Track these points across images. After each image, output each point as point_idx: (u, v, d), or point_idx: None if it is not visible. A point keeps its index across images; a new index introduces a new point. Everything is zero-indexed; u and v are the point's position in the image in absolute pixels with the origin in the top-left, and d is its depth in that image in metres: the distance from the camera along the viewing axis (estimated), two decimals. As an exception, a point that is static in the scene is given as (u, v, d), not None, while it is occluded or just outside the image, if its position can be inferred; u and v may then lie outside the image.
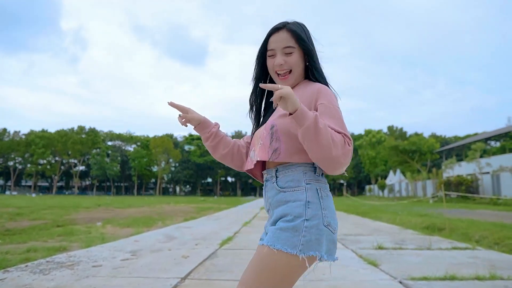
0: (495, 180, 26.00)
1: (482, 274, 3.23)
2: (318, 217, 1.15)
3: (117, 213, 13.22)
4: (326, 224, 1.16)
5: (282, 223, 1.16)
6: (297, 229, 1.13)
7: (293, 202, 1.18)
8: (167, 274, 3.31)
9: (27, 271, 3.39)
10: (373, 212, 12.85)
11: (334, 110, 1.20)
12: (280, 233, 1.14)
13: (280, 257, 1.11)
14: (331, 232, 1.18)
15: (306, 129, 1.07)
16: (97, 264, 3.76)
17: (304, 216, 1.14)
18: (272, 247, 1.12)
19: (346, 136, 1.14)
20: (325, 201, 1.20)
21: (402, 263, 3.86)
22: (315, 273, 3.35)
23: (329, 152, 1.08)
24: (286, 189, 1.21)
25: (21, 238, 6.21)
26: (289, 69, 1.30)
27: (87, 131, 79.30)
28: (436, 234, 6.63)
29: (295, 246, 1.11)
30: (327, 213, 1.19)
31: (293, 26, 1.32)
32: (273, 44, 1.31)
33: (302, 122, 1.08)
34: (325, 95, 1.24)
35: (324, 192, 1.22)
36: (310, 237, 1.12)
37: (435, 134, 77.37)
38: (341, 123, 1.18)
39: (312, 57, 1.33)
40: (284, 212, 1.18)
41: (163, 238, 5.95)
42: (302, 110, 1.08)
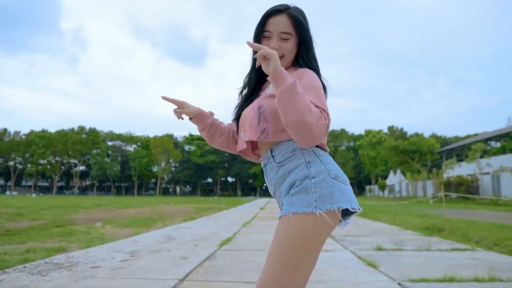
0: (495, 180, 25.99)
1: (481, 276, 3.22)
2: (323, 172, 1.14)
3: (117, 214, 13.22)
4: (334, 176, 1.15)
5: (292, 190, 1.15)
6: (307, 188, 1.12)
7: (295, 169, 1.17)
8: (165, 276, 3.30)
9: (25, 272, 3.38)
10: (373, 213, 12.84)
11: (315, 89, 1.18)
12: (292, 199, 1.13)
13: (297, 220, 1.09)
14: (342, 183, 1.16)
15: (284, 90, 1.06)
16: (96, 265, 3.75)
17: (310, 175, 1.13)
18: (287, 213, 1.11)
19: (323, 111, 1.12)
20: (324, 157, 1.20)
21: (401, 265, 3.85)
22: (313, 274, 3.34)
23: (303, 117, 1.04)
24: (284, 161, 1.21)
25: (20, 239, 6.20)
26: (282, 55, 1.29)
27: (87, 131, 79.32)
28: (435, 235, 6.62)
29: (309, 204, 1.09)
30: (331, 166, 1.18)
31: (294, 11, 1.30)
32: (271, 27, 1.29)
33: (280, 84, 1.07)
34: (308, 76, 1.22)
35: (321, 151, 1.22)
36: (321, 192, 1.11)
37: (435, 134, 77.33)
38: (321, 100, 1.16)
39: (308, 47, 1.32)
40: (290, 182, 1.17)
41: (162, 239, 5.94)
42: (282, 72, 1.09)
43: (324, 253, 4.58)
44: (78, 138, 75.45)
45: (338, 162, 78.09)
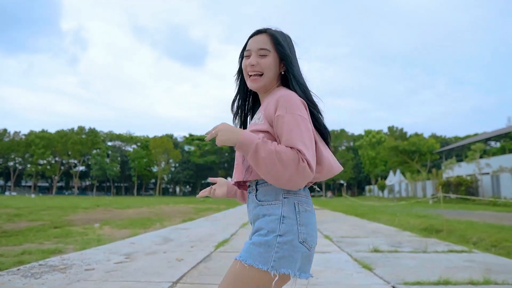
0: (495, 180, 25.97)
1: (476, 279, 3.21)
2: (293, 233, 1.12)
3: (116, 214, 13.20)
4: (302, 241, 1.13)
5: (256, 237, 1.14)
6: (270, 245, 1.10)
7: (269, 216, 1.16)
8: (159, 278, 3.29)
9: (19, 274, 3.37)
10: (372, 213, 12.82)
11: (290, 121, 1.14)
12: (252, 248, 1.12)
13: (251, 272, 1.09)
14: (306, 249, 1.14)
15: (249, 159, 1.10)
16: (90, 267, 3.74)
17: (278, 232, 1.12)
18: (243, 262, 1.10)
19: (300, 152, 1.08)
20: (303, 216, 1.17)
21: (397, 267, 3.84)
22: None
23: (279, 177, 1.07)
24: (264, 202, 1.19)
25: (17, 240, 6.19)
26: (261, 71, 1.28)
27: (87, 132, 79.30)
28: (433, 236, 6.61)
29: (267, 262, 1.09)
30: (304, 229, 1.15)
31: (274, 31, 1.31)
32: (250, 45, 1.30)
33: (245, 154, 1.12)
34: (283, 104, 1.17)
35: (302, 206, 1.18)
36: (283, 253, 1.10)
37: (435, 135, 77.34)
38: (297, 136, 1.11)
39: (290, 64, 1.29)
40: (259, 226, 1.16)
41: (159, 240, 5.93)
42: (241, 143, 1.11)
43: (320, 254, 4.57)
44: (78, 138, 75.43)
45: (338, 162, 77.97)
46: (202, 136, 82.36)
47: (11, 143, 74.55)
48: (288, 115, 1.15)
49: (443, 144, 64.89)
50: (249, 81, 1.30)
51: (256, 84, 1.29)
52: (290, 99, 1.19)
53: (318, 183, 1.28)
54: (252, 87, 1.30)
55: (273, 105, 1.21)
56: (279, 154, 1.07)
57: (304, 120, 1.16)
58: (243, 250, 1.13)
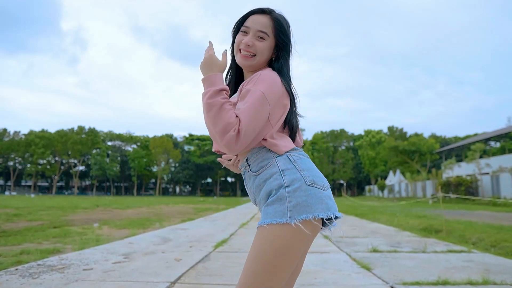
0: (495, 181, 25.96)
1: (475, 279, 3.20)
2: (298, 180, 1.11)
3: (115, 214, 13.19)
4: (310, 183, 1.12)
5: (268, 200, 1.13)
6: (281, 198, 1.09)
7: (269, 178, 1.15)
8: (157, 278, 3.28)
9: (17, 274, 3.36)
10: (371, 213, 12.82)
11: (251, 95, 1.15)
12: (267, 210, 1.11)
13: (272, 231, 1.07)
14: (319, 189, 1.12)
15: (203, 96, 1.15)
16: (88, 267, 3.73)
17: (284, 184, 1.11)
18: (263, 224, 1.09)
19: (238, 123, 1.10)
20: (300, 163, 1.17)
21: (396, 267, 3.83)
22: (306, 277, 3.32)
23: (208, 128, 1.14)
24: (259, 170, 1.19)
25: (16, 240, 6.17)
26: (254, 53, 1.27)
27: (86, 131, 79.27)
28: (432, 236, 6.60)
29: (284, 214, 1.07)
30: (307, 173, 1.14)
31: (278, 16, 1.30)
32: (250, 23, 1.28)
33: (204, 87, 1.18)
34: (256, 80, 1.18)
35: (296, 156, 1.18)
36: (296, 201, 1.08)
37: (435, 135, 77.32)
38: (248, 109, 1.12)
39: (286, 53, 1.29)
40: (266, 192, 1.15)
41: (158, 240, 5.92)
42: (205, 80, 1.18)
43: (319, 255, 4.56)
44: (78, 138, 75.41)
45: (338, 162, 78.19)
46: (202, 136, 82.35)
47: (11, 142, 74.53)
48: (253, 89, 1.16)
49: (443, 144, 64.90)
50: (239, 57, 1.29)
51: (246, 62, 1.28)
52: (264, 75, 1.19)
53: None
54: (241, 64, 1.30)
55: (248, 80, 1.23)
56: (222, 111, 1.10)
57: (263, 97, 1.15)
58: (261, 216, 1.13)
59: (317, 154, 74.63)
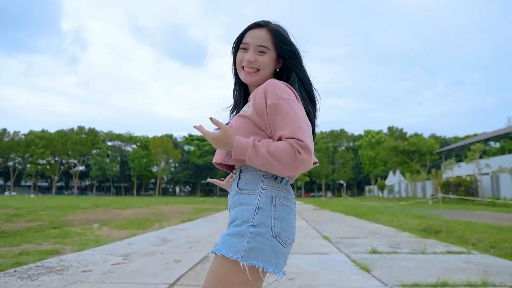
0: (494, 181, 25.96)
1: (474, 281, 3.20)
2: (266, 226, 1.10)
3: (115, 214, 13.19)
4: (275, 235, 1.10)
5: (231, 228, 1.13)
6: (243, 235, 1.08)
7: (245, 205, 1.14)
8: (155, 280, 3.28)
9: (15, 276, 3.36)
10: (371, 214, 12.82)
11: (283, 108, 1.13)
12: (226, 239, 1.11)
13: (223, 262, 1.08)
14: (280, 244, 1.11)
15: (248, 161, 1.11)
16: (87, 269, 3.72)
17: (251, 222, 1.10)
18: (217, 253, 1.09)
19: (296, 143, 1.07)
20: (278, 210, 1.14)
21: (395, 268, 3.83)
22: (305, 278, 3.32)
23: (277, 170, 1.09)
24: (243, 191, 1.18)
25: (15, 241, 6.17)
26: (257, 68, 1.26)
27: (86, 131, 79.27)
28: (432, 237, 6.60)
29: (237, 252, 1.07)
30: (278, 223, 1.12)
31: (275, 26, 1.29)
32: (249, 39, 1.27)
33: (242, 157, 1.12)
34: (272, 91, 1.16)
35: (280, 200, 1.16)
36: (254, 245, 1.07)
37: (434, 135, 77.37)
38: (292, 123, 1.10)
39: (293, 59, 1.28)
40: (235, 216, 1.15)
41: (157, 241, 5.91)
42: (235, 149, 1.12)
43: (318, 256, 4.56)
44: (78, 138, 75.42)
45: (338, 162, 78.19)
46: (201, 136, 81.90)
47: (11, 143, 74.54)
48: (281, 101, 1.14)
49: (442, 144, 64.90)
50: (243, 74, 1.29)
51: (251, 79, 1.28)
52: (277, 84, 1.18)
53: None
54: (246, 81, 1.29)
55: (262, 93, 1.19)
56: (273, 155, 1.07)
57: (297, 103, 1.15)
58: (219, 242, 1.12)
59: (317, 154, 74.52)
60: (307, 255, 4.61)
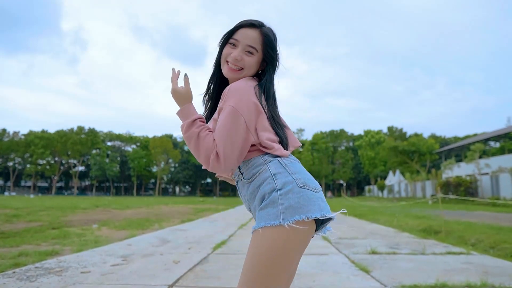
0: (494, 181, 25.96)
1: (473, 282, 3.19)
2: (290, 183, 1.12)
3: (114, 215, 13.18)
4: (302, 185, 1.12)
5: (262, 204, 1.14)
6: (274, 201, 1.10)
7: (262, 183, 1.16)
8: (154, 281, 3.27)
9: (14, 278, 3.35)
10: (371, 214, 12.82)
11: (223, 113, 1.18)
12: (261, 214, 1.12)
13: (267, 234, 1.08)
14: (311, 191, 1.13)
15: (181, 129, 1.21)
16: (86, 270, 3.72)
17: (276, 187, 1.12)
18: (257, 228, 1.10)
19: (215, 146, 1.15)
20: (292, 166, 1.17)
21: (394, 269, 3.83)
22: (304, 280, 3.32)
23: (196, 155, 1.19)
24: (252, 177, 1.20)
25: (15, 241, 6.16)
26: (241, 67, 1.28)
27: (86, 132, 79.25)
28: (431, 238, 6.60)
29: (277, 217, 1.07)
30: (299, 175, 1.15)
31: (268, 31, 1.29)
32: (240, 36, 1.27)
33: (181, 120, 1.23)
34: (228, 96, 1.20)
35: (287, 160, 1.19)
36: (289, 203, 1.09)
37: (434, 135, 77.33)
38: (220, 129, 1.16)
39: (272, 66, 1.31)
40: (259, 197, 1.16)
41: (157, 242, 5.91)
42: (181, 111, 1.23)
43: (317, 256, 4.55)
44: (78, 138, 75.40)
45: (338, 162, 78.19)
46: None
47: (11, 143, 74.49)
48: (226, 106, 1.19)
49: (442, 144, 64.89)
50: (226, 69, 1.30)
51: (233, 75, 1.29)
52: (233, 88, 1.20)
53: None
54: (227, 76, 1.31)
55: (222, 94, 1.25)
56: (200, 140, 1.16)
57: (235, 113, 1.16)
58: (256, 221, 1.14)
59: (317, 154, 74.60)
60: (306, 255, 4.61)
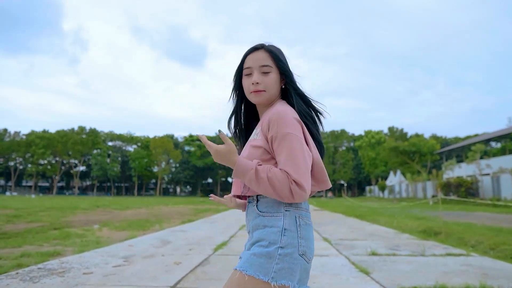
0: (495, 181, 25.94)
1: (472, 284, 3.22)
2: (293, 246, 1.14)
3: (115, 215, 13.22)
4: (301, 254, 1.15)
5: (257, 248, 1.15)
6: (271, 256, 1.11)
7: (270, 227, 1.17)
8: (156, 283, 3.30)
9: (17, 278, 3.39)
10: (371, 215, 12.83)
11: (280, 141, 1.16)
12: (253, 259, 1.12)
13: (251, 284, 1.10)
14: (305, 261, 1.16)
15: (248, 182, 1.15)
16: (88, 271, 3.75)
17: (279, 244, 1.13)
18: (244, 273, 1.11)
19: (289, 177, 1.12)
20: (303, 229, 1.18)
21: (394, 271, 3.85)
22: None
23: (276, 197, 1.15)
24: (265, 213, 1.20)
25: (16, 242, 6.19)
26: (264, 89, 1.28)
27: (87, 132, 79.38)
28: (431, 239, 6.61)
29: (267, 273, 1.10)
30: (304, 242, 1.17)
31: (271, 47, 1.32)
32: (250, 62, 1.29)
33: (242, 178, 1.16)
34: (275, 123, 1.19)
35: (303, 220, 1.20)
36: (283, 265, 1.11)
37: (435, 135, 77.28)
38: (288, 157, 1.14)
39: (290, 78, 1.32)
40: (260, 237, 1.17)
41: (158, 243, 5.94)
42: (237, 168, 1.15)
43: (317, 258, 4.58)
44: (79, 138, 75.50)
45: (338, 162, 78.18)
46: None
47: (12, 143, 74.62)
48: (279, 135, 1.17)
49: (443, 144, 64.84)
50: (252, 96, 1.31)
51: (260, 98, 1.30)
52: (282, 116, 1.20)
53: None
54: (256, 101, 1.31)
55: (267, 122, 1.22)
56: (271, 180, 1.12)
57: (296, 138, 1.17)
58: (244, 261, 1.14)
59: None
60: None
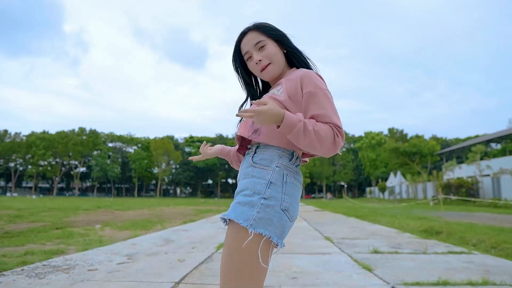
0: (495, 182, 25.96)
1: (475, 280, 3.24)
2: (276, 199, 1.16)
3: (116, 216, 13.23)
4: (284, 209, 1.17)
5: (241, 197, 1.19)
6: (253, 205, 1.15)
7: (257, 179, 1.20)
8: (161, 279, 3.33)
9: (23, 275, 3.41)
10: (372, 215, 12.85)
11: (321, 97, 1.21)
12: (237, 207, 1.17)
13: (231, 228, 1.15)
14: (287, 218, 1.17)
15: (294, 135, 1.14)
16: (93, 268, 3.78)
17: (263, 194, 1.16)
18: (226, 217, 1.17)
19: (335, 127, 1.16)
20: (289, 187, 1.20)
21: (397, 268, 3.87)
22: (308, 278, 3.37)
23: (316, 150, 1.17)
24: (257, 165, 1.23)
25: (19, 241, 6.22)
26: (268, 62, 1.33)
27: (88, 133, 79.37)
28: (433, 238, 6.64)
29: (247, 219, 1.12)
30: (287, 198, 1.19)
31: (256, 24, 1.36)
32: (245, 47, 1.35)
33: (289, 131, 1.14)
34: (309, 81, 1.23)
35: (290, 178, 1.22)
36: (263, 215, 1.13)
37: (435, 136, 77.26)
38: (330, 111, 1.19)
39: (287, 43, 1.36)
40: (246, 186, 1.20)
41: (160, 241, 5.97)
42: (286, 121, 1.12)
43: (320, 256, 4.60)
44: (79, 139, 75.51)
45: (339, 164, 78.14)
46: (202, 137, 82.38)
47: (12, 144, 74.63)
48: (319, 91, 1.22)
49: (443, 145, 64.83)
50: (263, 74, 1.35)
51: (270, 74, 1.34)
52: (313, 76, 1.26)
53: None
54: (268, 78, 1.36)
55: (297, 81, 1.25)
56: (318, 133, 1.14)
57: (330, 94, 1.24)
58: (229, 209, 1.19)
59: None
60: (310, 255, 4.66)
